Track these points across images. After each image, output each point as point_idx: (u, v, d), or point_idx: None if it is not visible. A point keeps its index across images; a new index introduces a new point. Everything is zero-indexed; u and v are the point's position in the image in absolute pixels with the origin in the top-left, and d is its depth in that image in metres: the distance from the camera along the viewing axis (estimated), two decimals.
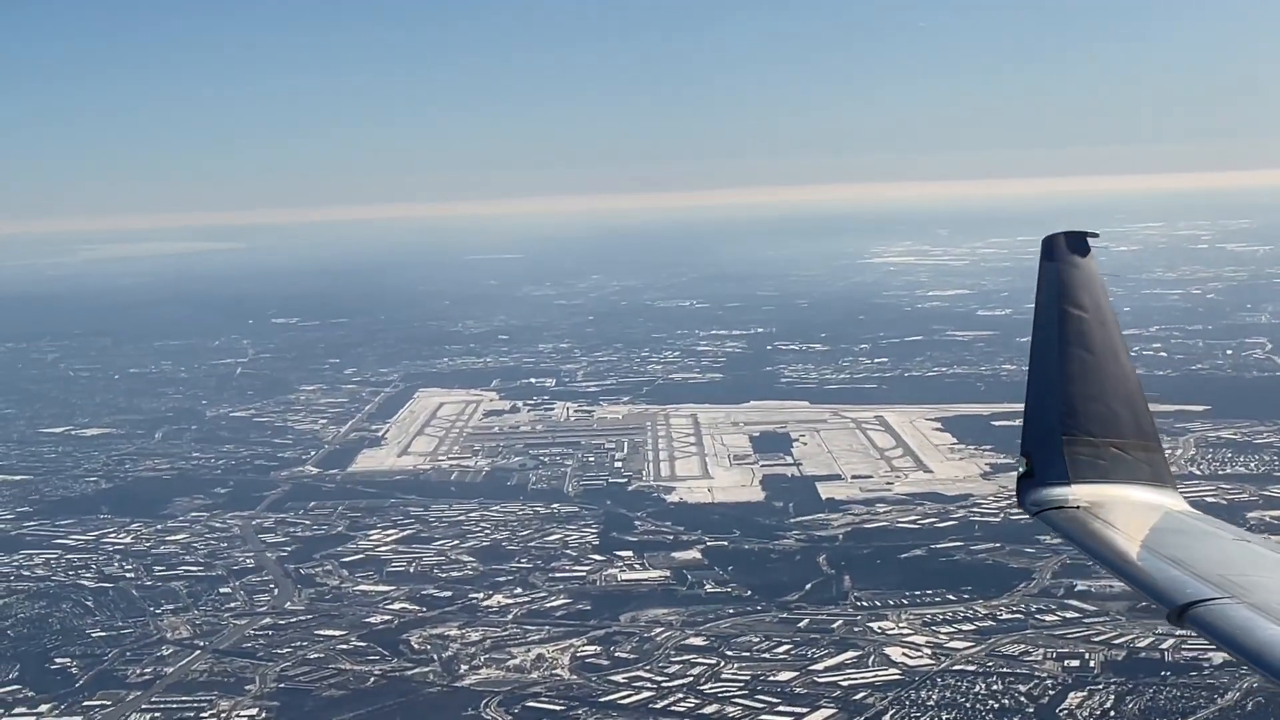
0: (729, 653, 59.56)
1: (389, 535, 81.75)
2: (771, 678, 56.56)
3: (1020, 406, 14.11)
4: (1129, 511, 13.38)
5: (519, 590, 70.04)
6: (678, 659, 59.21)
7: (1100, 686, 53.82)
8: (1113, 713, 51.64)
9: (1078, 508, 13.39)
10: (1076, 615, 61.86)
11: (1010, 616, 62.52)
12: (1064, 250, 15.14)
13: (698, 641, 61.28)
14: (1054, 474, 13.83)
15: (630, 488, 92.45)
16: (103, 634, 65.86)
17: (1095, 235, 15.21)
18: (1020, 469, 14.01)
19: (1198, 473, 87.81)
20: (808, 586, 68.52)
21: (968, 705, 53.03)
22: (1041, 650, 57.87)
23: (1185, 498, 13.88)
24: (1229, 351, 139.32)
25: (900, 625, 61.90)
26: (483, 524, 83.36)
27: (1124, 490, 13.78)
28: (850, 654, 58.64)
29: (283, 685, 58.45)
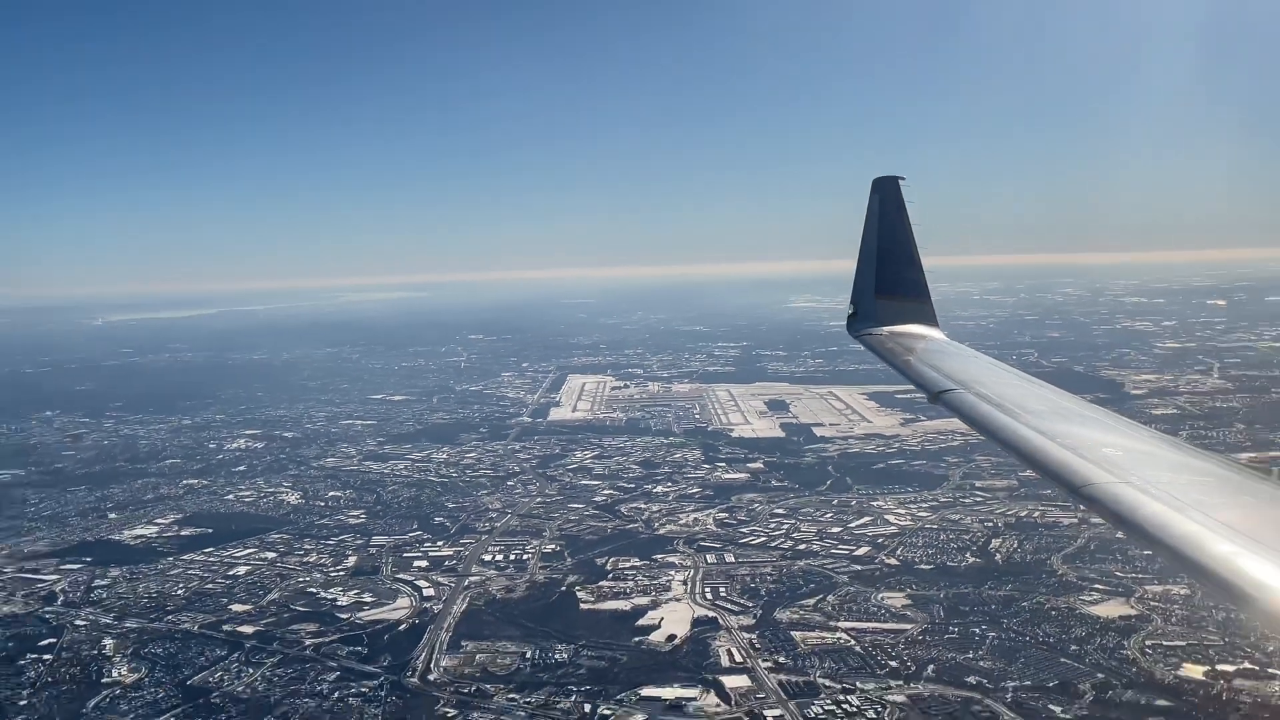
0: (800, 518, 62.16)
1: (588, 455, 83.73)
2: (830, 531, 59.18)
3: (911, 387, 13.83)
4: (910, 338, 12.91)
5: (670, 484, 72.17)
6: (772, 520, 61.73)
7: (1006, 537, 56.26)
8: (1020, 549, 54.26)
9: (882, 335, 13.03)
10: (981, 498, 64.23)
11: (945, 499, 64.78)
12: (884, 187, 13.96)
13: (780, 511, 63.78)
14: (869, 315, 13.37)
15: (709, 429, 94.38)
16: (453, 505, 68.27)
17: (903, 179, 13.95)
18: (850, 311, 13.52)
19: None
20: (828, 483, 70.91)
21: (942, 542, 55.84)
22: (969, 518, 60.27)
23: None
24: None
25: (887, 503, 64.43)
26: (634, 448, 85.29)
27: (909, 327, 13.27)
28: (866, 519, 61.16)
29: (563, 531, 61.29)
